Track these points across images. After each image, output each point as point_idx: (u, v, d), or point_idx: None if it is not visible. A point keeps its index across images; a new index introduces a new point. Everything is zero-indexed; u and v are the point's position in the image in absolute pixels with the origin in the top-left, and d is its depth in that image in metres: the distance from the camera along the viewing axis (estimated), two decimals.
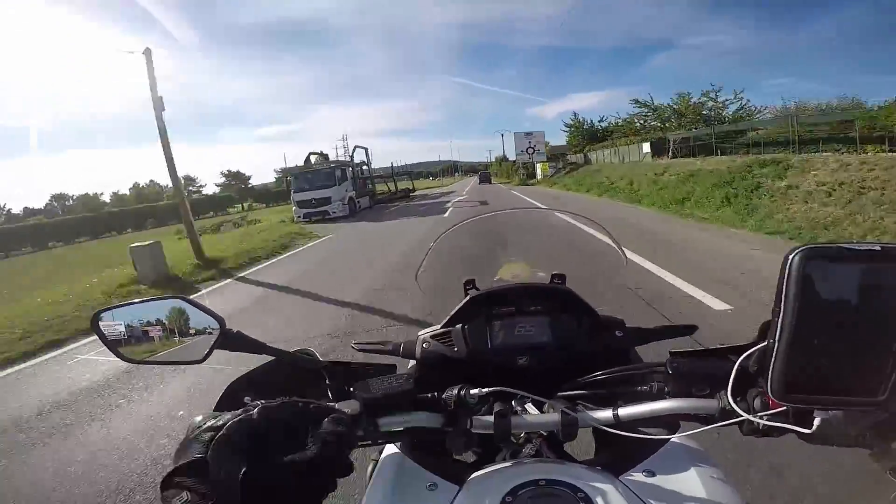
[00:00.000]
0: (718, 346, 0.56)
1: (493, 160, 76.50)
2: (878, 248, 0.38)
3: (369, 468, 0.74)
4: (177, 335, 0.58)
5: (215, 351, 0.56)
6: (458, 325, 0.72)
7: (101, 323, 0.58)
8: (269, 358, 0.60)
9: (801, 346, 0.40)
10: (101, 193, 79.36)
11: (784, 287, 0.40)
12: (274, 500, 0.36)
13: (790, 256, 0.39)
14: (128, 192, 78.11)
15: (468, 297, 0.75)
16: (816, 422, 0.43)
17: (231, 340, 0.56)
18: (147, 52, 8.85)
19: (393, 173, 29.12)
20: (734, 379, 0.48)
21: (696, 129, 22.14)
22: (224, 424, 0.37)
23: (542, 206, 8.82)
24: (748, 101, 23.92)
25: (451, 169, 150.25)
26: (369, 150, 24.87)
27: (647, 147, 21.49)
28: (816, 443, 0.45)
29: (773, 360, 0.41)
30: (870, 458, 0.46)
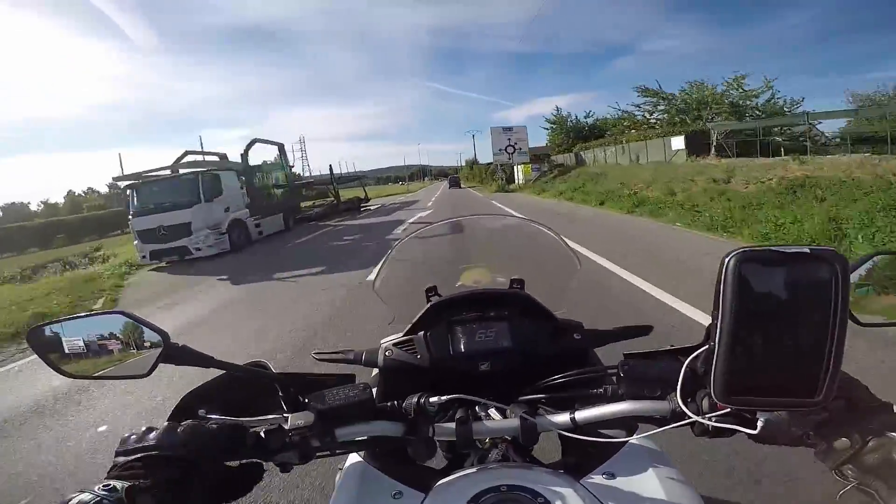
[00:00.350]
0: (669, 348, 0.57)
1: (464, 164, 71.64)
2: (807, 250, 0.39)
3: (337, 478, 0.72)
4: (119, 350, 0.56)
5: (161, 365, 0.54)
6: (421, 333, 0.72)
7: (38, 338, 0.56)
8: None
9: (740, 347, 0.41)
10: (29, 203, 70.72)
11: (721, 290, 0.40)
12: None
13: (726, 259, 0.40)
14: (62, 201, 69.86)
15: (430, 304, 0.75)
16: (760, 422, 0.44)
17: (176, 354, 0.54)
18: None
19: (333, 179, 20.11)
20: (683, 380, 0.48)
21: (714, 120, 17.00)
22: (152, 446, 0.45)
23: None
24: (777, 90, 19.00)
25: (420, 173, 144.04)
26: (285, 147, 16.32)
27: (678, 142, 15.70)
28: (763, 442, 0.46)
29: (714, 362, 0.42)
30: (815, 456, 0.47)
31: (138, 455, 0.45)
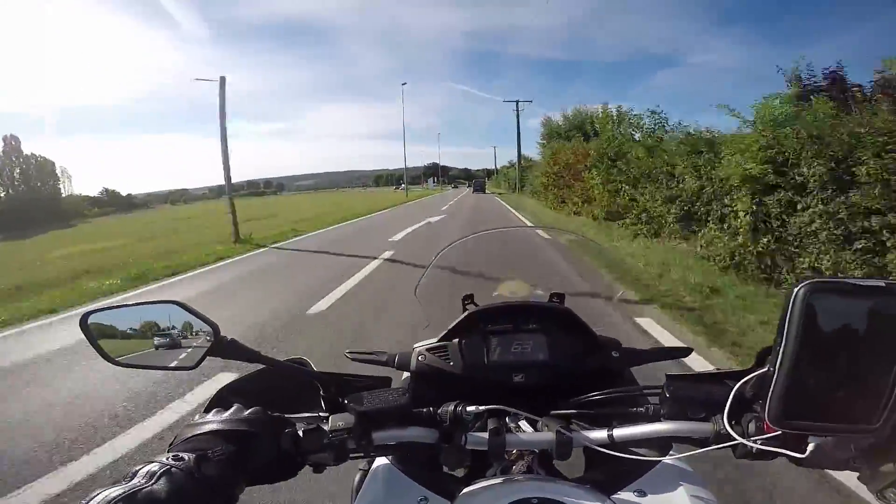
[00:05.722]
0: (715, 371, 0.57)
1: (507, 164, 63.35)
2: (882, 284, 0.39)
3: (356, 478, 0.73)
4: (169, 340, 0.57)
5: (207, 358, 0.56)
6: (455, 340, 0.72)
7: (90, 324, 0.56)
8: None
9: (801, 374, 0.41)
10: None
11: (787, 317, 0.40)
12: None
13: (795, 290, 0.40)
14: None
15: (466, 313, 0.74)
16: (810, 447, 0.44)
17: (224, 348, 0.55)
18: None
19: None
20: (731, 403, 0.48)
21: None
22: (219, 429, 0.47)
23: None
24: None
25: (432, 173, 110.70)
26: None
27: None
28: (808, 466, 0.46)
29: (772, 386, 0.42)
30: (858, 480, 0.47)
31: (207, 429, 0.47)
